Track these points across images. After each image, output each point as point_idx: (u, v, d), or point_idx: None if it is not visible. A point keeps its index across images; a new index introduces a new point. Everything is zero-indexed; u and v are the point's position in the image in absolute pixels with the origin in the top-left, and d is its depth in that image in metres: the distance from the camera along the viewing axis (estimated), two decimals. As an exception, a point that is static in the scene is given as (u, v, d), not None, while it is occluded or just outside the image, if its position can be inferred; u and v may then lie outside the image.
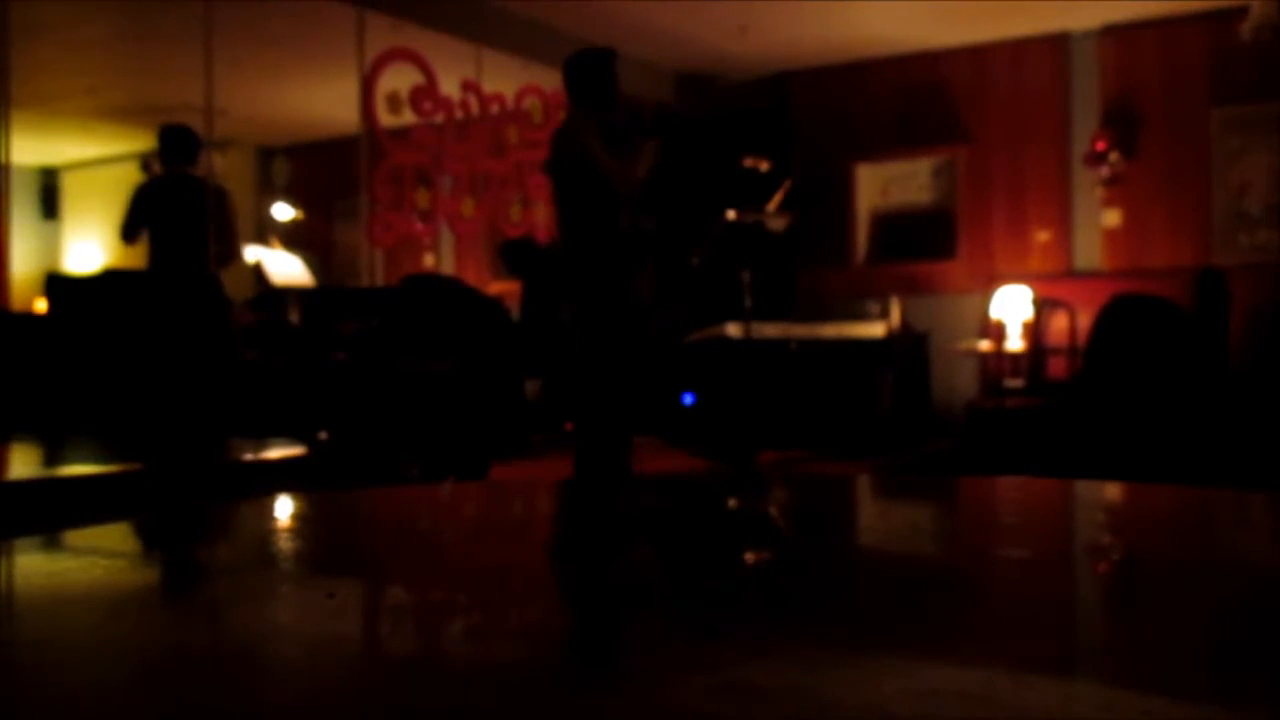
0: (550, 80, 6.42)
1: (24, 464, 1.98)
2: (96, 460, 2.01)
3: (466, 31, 6.75)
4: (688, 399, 7.09)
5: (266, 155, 10.37)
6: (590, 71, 4.45)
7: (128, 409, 3.69)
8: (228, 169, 5.86)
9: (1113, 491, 1.35)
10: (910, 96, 7.85)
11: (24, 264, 8.24)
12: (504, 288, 7.50)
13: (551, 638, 0.70)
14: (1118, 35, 7.18)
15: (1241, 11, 6.34)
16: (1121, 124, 7.14)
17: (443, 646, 0.68)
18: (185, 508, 1.35)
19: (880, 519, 1.29)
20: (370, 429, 3.97)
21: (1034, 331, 7.14)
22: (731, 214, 5.63)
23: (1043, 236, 7.44)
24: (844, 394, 6.71)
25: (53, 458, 2.09)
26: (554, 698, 0.54)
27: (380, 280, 7.41)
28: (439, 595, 0.83)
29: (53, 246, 11.42)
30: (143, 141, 9.69)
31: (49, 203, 11.51)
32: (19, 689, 0.58)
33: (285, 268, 6.98)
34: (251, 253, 7.00)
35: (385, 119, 6.61)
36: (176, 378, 4.23)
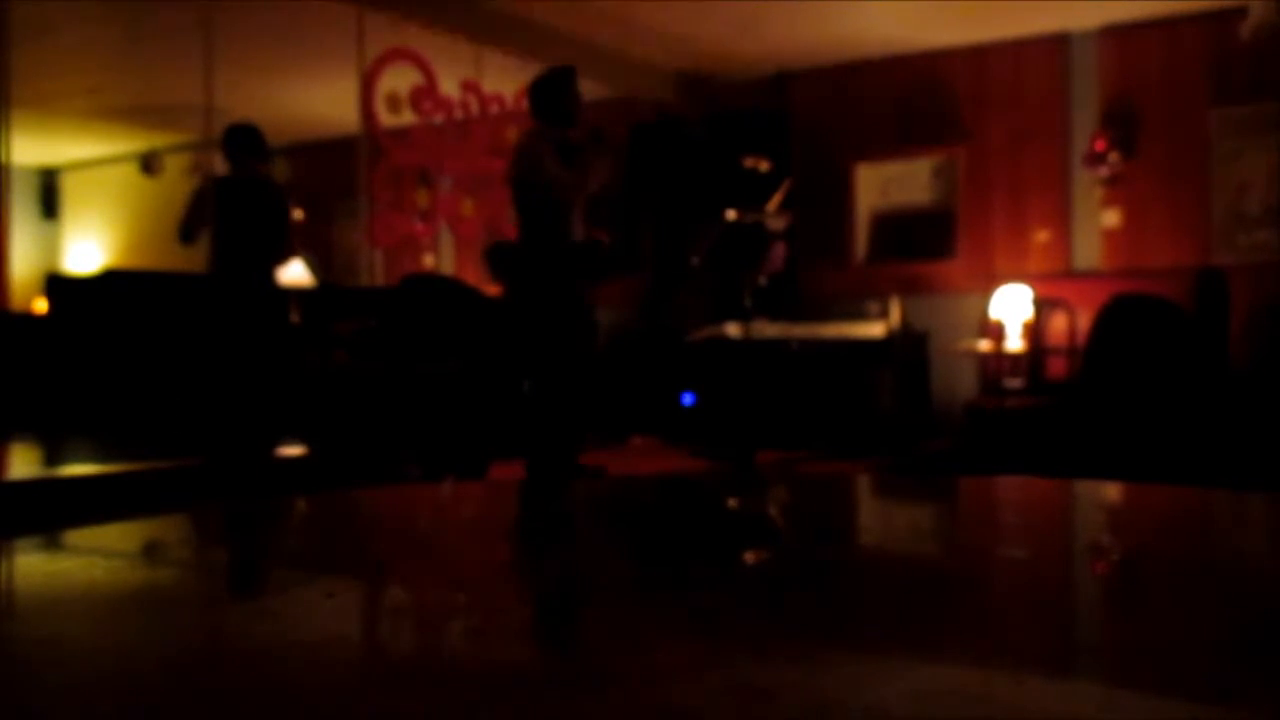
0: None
1: (24, 464, 1.98)
2: (95, 461, 2.01)
3: (466, 31, 6.74)
4: (688, 399, 7.09)
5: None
6: (548, 89, 4.84)
7: (143, 408, 3.69)
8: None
9: (1112, 491, 1.35)
10: (910, 96, 7.85)
11: (24, 264, 8.22)
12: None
13: (550, 637, 0.70)
14: (1118, 35, 7.17)
15: (1241, 12, 6.34)
16: (1121, 124, 7.13)
17: (441, 647, 0.68)
18: (186, 508, 1.35)
19: (880, 519, 1.29)
20: (370, 429, 3.97)
21: (1034, 331, 7.13)
22: (731, 214, 5.64)
23: (1042, 236, 7.44)
24: (844, 394, 6.71)
25: (53, 458, 2.09)
26: (553, 698, 0.54)
27: (380, 280, 7.41)
28: (437, 595, 0.83)
29: (53, 246, 11.41)
30: (143, 141, 9.72)
31: (49, 203, 11.51)
32: (19, 689, 0.58)
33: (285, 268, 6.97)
34: None
35: (385, 119, 6.61)
36: (241, 382, 4.25)
